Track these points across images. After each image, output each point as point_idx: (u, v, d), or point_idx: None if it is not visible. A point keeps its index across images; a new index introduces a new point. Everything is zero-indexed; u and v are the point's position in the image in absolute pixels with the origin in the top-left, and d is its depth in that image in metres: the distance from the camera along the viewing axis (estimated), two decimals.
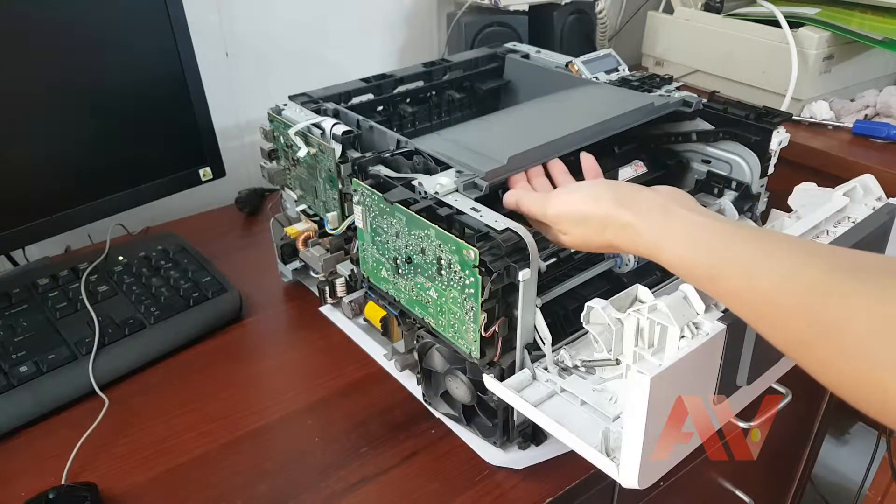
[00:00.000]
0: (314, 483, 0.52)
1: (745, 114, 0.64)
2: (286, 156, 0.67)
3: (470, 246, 0.45)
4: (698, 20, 1.09)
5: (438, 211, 0.48)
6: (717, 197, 0.65)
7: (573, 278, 0.55)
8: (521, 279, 0.45)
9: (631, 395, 0.38)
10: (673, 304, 0.43)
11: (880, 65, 1.05)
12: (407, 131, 0.75)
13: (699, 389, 0.44)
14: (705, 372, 0.43)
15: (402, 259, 0.52)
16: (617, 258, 0.55)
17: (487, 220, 0.47)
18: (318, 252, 0.64)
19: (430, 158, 0.55)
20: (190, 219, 0.89)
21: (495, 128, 0.64)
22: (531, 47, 0.81)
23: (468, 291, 0.47)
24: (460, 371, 0.52)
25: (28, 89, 0.64)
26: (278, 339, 0.70)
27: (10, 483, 0.53)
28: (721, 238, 0.40)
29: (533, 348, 0.49)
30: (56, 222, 0.69)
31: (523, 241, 0.45)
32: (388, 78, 0.74)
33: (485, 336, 0.47)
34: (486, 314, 0.46)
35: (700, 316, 0.43)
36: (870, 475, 1.14)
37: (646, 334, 0.44)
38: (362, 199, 0.54)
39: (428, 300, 0.52)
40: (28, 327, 0.63)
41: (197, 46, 0.73)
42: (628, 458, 0.40)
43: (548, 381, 0.48)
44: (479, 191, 0.52)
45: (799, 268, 0.35)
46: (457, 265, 0.47)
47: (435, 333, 0.53)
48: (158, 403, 0.60)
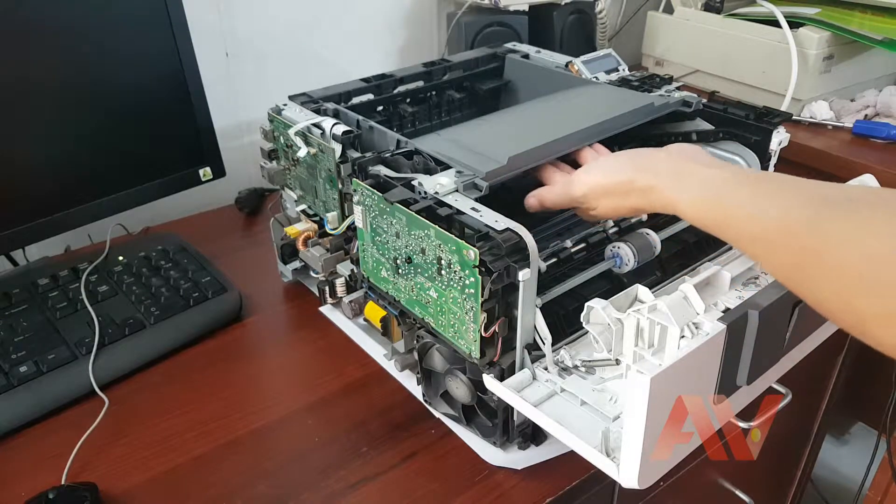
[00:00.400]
0: (314, 483, 0.52)
1: (745, 114, 0.64)
2: (286, 156, 0.67)
3: (470, 246, 0.45)
4: (698, 20, 1.09)
5: (438, 211, 0.48)
6: None
7: (573, 278, 0.54)
8: (521, 279, 0.45)
9: (631, 395, 0.38)
10: (673, 304, 0.43)
11: (880, 65, 1.05)
12: (407, 131, 0.75)
13: (699, 389, 0.44)
14: (705, 372, 0.43)
15: (402, 259, 0.52)
16: (616, 258, 0.55)
17: (487, 220, 0.47)
18: (317, 252, 0.64)
19: (429, 158, 0.55)
20: (190, 219, 0.89)
21: (495, 128, 0.64)
22: (531, 47, 0.81)
23: (468, 291, 0.47)
24: (460, 371, 0.52)
25: (28, 89, 0.64)
26: (278, 339, 0.70)
27: (10, 483, 0.53)
28: (727, 187, 0.43)
29: (533, 348, 0.49)
30: (56, 222, 0.69)
31: (523, 241, 0.45)
32: (389, 78, 0.74)
33: (485, 336, 0.47)
34: (486, 314, 0.46)
35: (700, 316, 0.43)
36: (870, 475, 1.14)
37: (646, 334, 0.44)
38: (362, 199, 0.54)
39: (428, 300, 0.52)
40: (28, 327, 0.63)
41: (197, 46, 0.73)
42: (628, 459, 0.40)
43: (548, 381, 0.48)
44: (479, 191, 0.52)
45: (793, 205, 0.38)
46: (457, 265, 0.47)
47: (435, 333, 0.53)
48: (158, 403, 0.60)
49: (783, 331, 0.48)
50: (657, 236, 0.56)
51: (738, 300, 0.47)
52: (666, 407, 0.40)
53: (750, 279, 0.52)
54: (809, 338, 0.52)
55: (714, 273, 0.50)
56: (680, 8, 1.12)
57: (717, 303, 0.48)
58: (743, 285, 0.51)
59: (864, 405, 1.21)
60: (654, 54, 1.18)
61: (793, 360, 0.53)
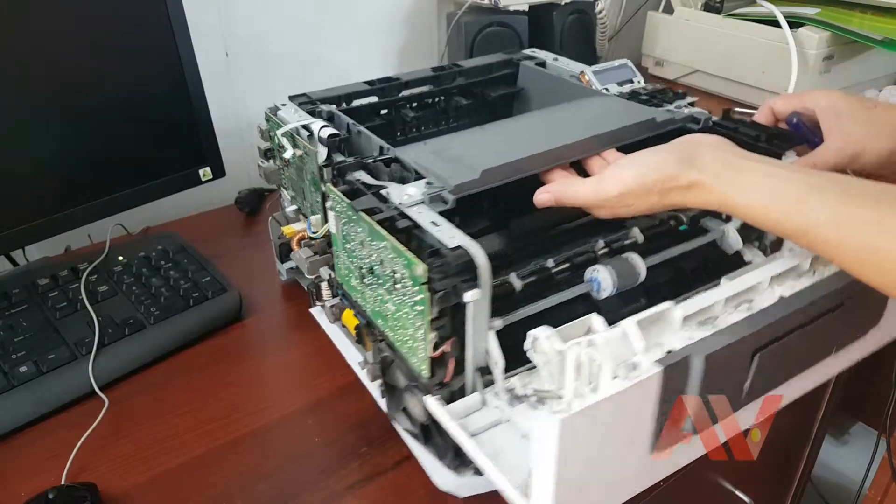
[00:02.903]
0: (314, 483, 0.52)
1: (756, 135, 0.59)
2: (279, 155, 0.67)
3: (419, 261, 0.43)
4: (698, 20, 1.09)
5: (398, 223, 0.46)
6: (725, 222, 0.60)
7: (546, 299, 0.51)
8: (467, 300, 0.43)
9: (541, 437, 0.36)
10: (610, 340, 0.40)
11: (880, 65, 1.05)
12: (412, 136, 0.73)
13: (631, 434, 0.41)
14: (639, 417, 0.40)
15: (366, 269, 0.51)
16: (594, 282, 0.50)
17: (444, 235, 0.45)
18: (304, 254, 0.63)
19: (405, 167, 0.53)
20: (190, 219, 0.89)
21: (486, 138, 0.62)
22: (549, 54, 0.78)
23: (417, 308, 0.44)
24: (417, 388, 0.50)
25: (28, 89, 0.64)
26: (278, 339, 0.70)
27: (10, 483, 0.53)
28: (799, 190, 0.42)
29: (486, 372, 0.47)
30: (56, 222, 0.69)
31: (474, 261, 0.43)
32: (394, 81, 0.72)
33: (433, 356, 0.45)
34: (437, 333, 0.44)
35: (639, 355, 0.40)
36: (870, 475, 1.14)
37: (585, 370, 0.40)
38: (334, 205, 0.53)
39: (387, 313, 0.49)
40: (28, 327, 0.63)
41: (197, 46, 0.73)
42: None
43: (496, 408, 0.45)
44: (444, 204, 0.49)
45: (889, 214, 0.38)
46: (408, 280, 0.44)
47: (393, 348, 0.51)
48: (158, 403, 0.60)
49: (740, 380, 0.44)
50: (642, 262, 0.52)
51: (687, 341, 0.42)
52: (589, 449, 0.38)
53: (708, 318, 0.45)
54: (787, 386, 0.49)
55: (665, 310, 0.44)
56: (680, 8, 1.12)
57: (663, 342, 0.42)
58: (699, 325, 0.45)
59: (864, 405, 1.20)
60: (653, 54, 1.18)
61: (764, 412, 0.49)
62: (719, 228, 0.59)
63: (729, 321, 0.44)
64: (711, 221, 0.60)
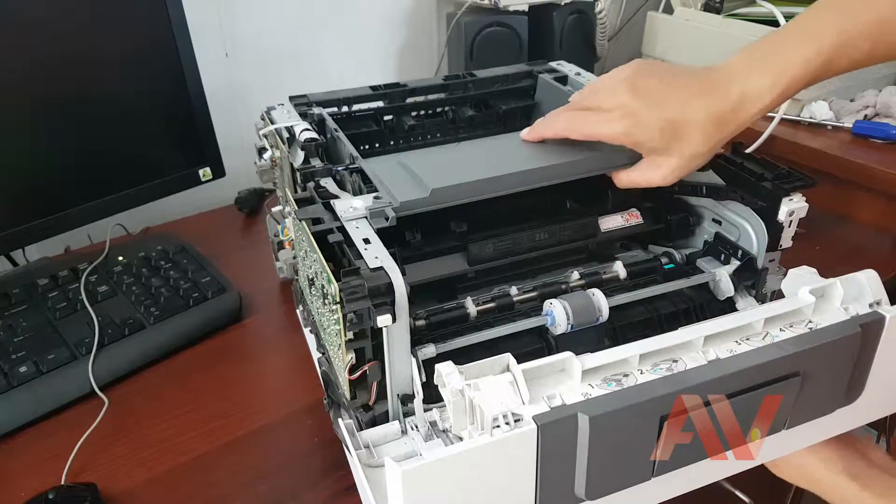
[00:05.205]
0: (314, 483, 0.52)
1: (761, 172, 0.54)
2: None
3: (335, 280, 0.41)
4: (698, 20, 1.09)
5: (330, 237, 0.45)
6: (722, 264, 0.56)
7: (497, 328, 0.49)
8: (380, 325, 0.40)
9: (390, 484, 0.34)
10: (493, 387, 0.38)
11: (880, 65, 1.05)
12: (415, 145, 0.70)
13: (504, 492, 0.38)
14: (512, 474, 0.37)
15: (309, 279, 0.49)
16: (549, 315, 0.48)
17: (369, 255, 0.43)
18: (283, 255, 0.63)
19: (365, 179, 0.51)
20: (190, 219, 0.89)
21: (461, 155, 0.59)
22: (573, 68, 0.73)
23: (336, 328, 0.43)
24: (342, 408, 0.49)
25: (28, 89, 0.64)
26: (278, 339, 0.70)
27: (10, 483, 0.53)
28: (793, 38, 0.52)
29: (409, 399, 0.45)
30: (56, 222, 0.69)
31: (390, 286, 0.41)
32: (401, 88, 0.69)
33: (351, 378, 0.43)
34: (353, 355, 0.43)
35: (524, 406, 0.38)
36: None
37: (476, 414, 0.38)
38: (291, 210, 0.52)
39: (324, 327, 0.48)
40: (28, 327, 0.63)
41: (197, 46, 0.73)
42: None
43: (413, 440, 0.44)
44: (384, 220, 0.47)
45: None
46: (331, 297, 0.43)
47: (330, 363, 0.50)
48: (158, 403, 0.60)
49: (646, 447, 0.40)
50: (605, 300, 0.49)
51: (581, 397, 0.39)
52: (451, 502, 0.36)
53: (617, 374, 0.41)
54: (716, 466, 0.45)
55: (566, 358, 0.40)
56: (680, 8, 1.12)
57: (549, 395, 0.39)
58: (604, 380, 0.40)
59: None
60: (653, 54, 1.18)
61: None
62: (712, 271, 0.56)
63: (645, 377, 0.40)
64: (712, 263, 0.57)
